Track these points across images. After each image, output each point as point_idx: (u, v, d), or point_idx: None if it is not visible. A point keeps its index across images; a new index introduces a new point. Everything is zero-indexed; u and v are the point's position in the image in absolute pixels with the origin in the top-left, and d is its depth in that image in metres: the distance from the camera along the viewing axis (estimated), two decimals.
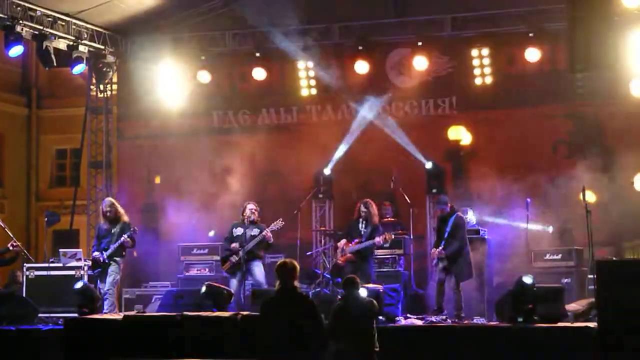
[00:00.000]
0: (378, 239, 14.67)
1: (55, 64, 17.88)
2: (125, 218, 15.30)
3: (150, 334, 12.95)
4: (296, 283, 9.44)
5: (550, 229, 16.49)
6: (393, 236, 15.35)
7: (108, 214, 15.26)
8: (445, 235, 14.17)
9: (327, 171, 18.48)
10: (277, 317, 9.26)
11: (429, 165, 17.85)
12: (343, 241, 14.96)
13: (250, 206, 15.23)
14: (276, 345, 9.17)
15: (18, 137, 24.90)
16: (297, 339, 9.15)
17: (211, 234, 18.73)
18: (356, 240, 14.78)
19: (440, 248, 14.11)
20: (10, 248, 16.32)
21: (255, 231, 15.02)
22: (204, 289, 14.22)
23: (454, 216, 14.28)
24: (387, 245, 15.36)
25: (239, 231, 15.12)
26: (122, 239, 14.94)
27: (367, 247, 14.73)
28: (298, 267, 9.52)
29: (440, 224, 14.44)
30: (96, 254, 14.98)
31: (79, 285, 14.39)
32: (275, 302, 9.46)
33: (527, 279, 12.46)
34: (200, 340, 12.69)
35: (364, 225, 14.87)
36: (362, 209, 14.91)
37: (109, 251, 14.88)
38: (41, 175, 25.18)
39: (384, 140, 18.85)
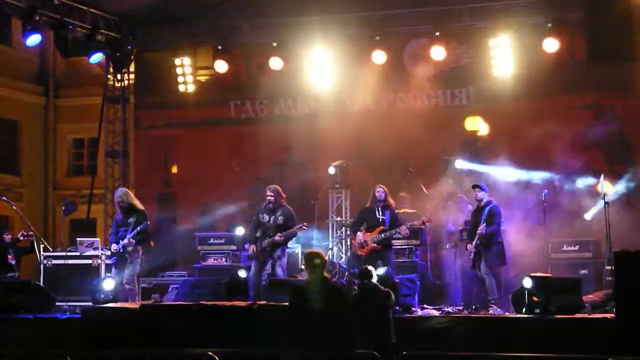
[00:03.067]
0: (404, 228, 14.61)
1: (72, 53, 17.93)
2: (140, 207, 15.28)
3: (167, 324, 12.99)
4: (325, 273, 9.44)
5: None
6: (431, 220, 15.39)
7: (121, 204, 15.27)
8: (482, 222, 14.19)
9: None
10: (307, 307, 9.26)
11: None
12: (360, 233, 14.82)
13: (267, 192, 15.06)
14: (306, 335, 9.17)
15: (35, 126, 24.96)
16: (327, 329, 9.14)
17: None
18: (380, 228, 14.66)
19: (475, 240, 14.14)
20: (21, 238, 16.44)
21: (280, 219, 14.88)
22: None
23: (490, 205, 14.31)
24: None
25: (264, 218, 15.00)
26: (134, 235, 14.90)
27: (391, 235, 14.67)
28: (327, 257, 9.53)
29: (476, 213, 14.51)
30: (114, 246, 15.01)
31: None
32: (305, 292, 9.44)
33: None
34: (216, 330, 12.71)
35: (381, 212, 14.77)
36: (380, 191, 14.82)
37: (125, 240, 14.90)
38: (58, 164, 25.24)
39: (401, 130, 18.85)
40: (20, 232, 16.57)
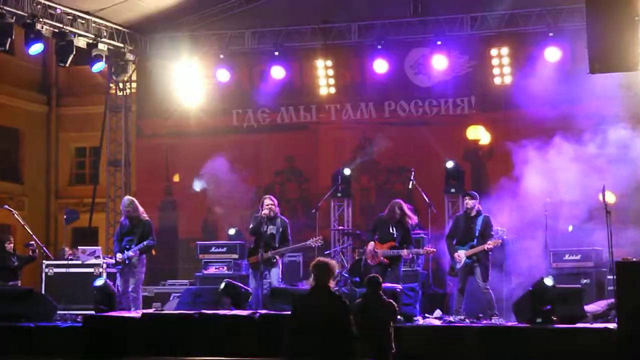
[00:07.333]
0: (406, 252, 14.57)
1: (69, 64, 17.93)
2: (146, 217, 15.29)
3: (168, 332, 12.98)
4: (331, 282, 9.41)
5: (570, 228, 16.36)
6: (434, 250, 15.34)
7: (128, 212, 15.26)
8: (476, 233, 14.15)
9: (347, 171, 18.40)
10: (310, 316, 9.23)
11: (449, 164, 17.76)
12: (372, 243, 14.67)
13: (267, 202, 14.77)
14: (308, 344, 9.15)
15: (38, 135, 25.03)
16: (329, 338, 9.12)
17: (231, 232, 18.73)
18: (390, 243, 14.60)
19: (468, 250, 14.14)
20: (31, 253, 16.47)
21: (272, 228, 14.77)
22: (222, 285, 14.22)
23: (482, 216, 14.26)
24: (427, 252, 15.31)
25: (264, 227, 14.67)
26: (141, 248, 14.91)
27: (398, 254, 14.62)
28: (333, 265, 9.49)
29: (467, 222, 14.35)
30: (119, 255, 14.98)
31: (99, 282, 14.41)
32: (309, 300, 9.42)
33: (548, 281, 12.42)
34: (218, 338, 12.70)
35: (394, 229, 14.66)
36: (397, 211, 14.69)
37: (130, 252, 14.89)
38: (60, 173, 25.30)
39: (403, 139, 18.92)
40: (29, 249, 16.57)
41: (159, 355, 12.47)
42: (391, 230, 14.57)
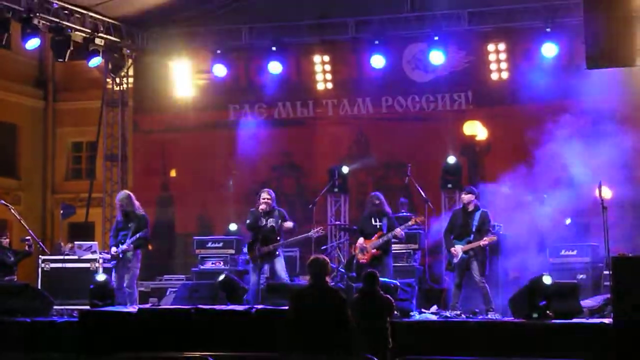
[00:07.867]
0: (399, 230, 14.61)
1: (67, 58, 17.92)
2: (141, 211, 15.27)
3: (164, 327, 12.98)
4: (327, 278, 9.44)
5: (568, 221, 16.36)
6: (423, 217, 15.44)
7: (122, 207, 15.25)
8: (473, 229, 14.18)
9: (345, 169, 18.40)
10: (308, 312, 9.24)
11: (451, 159, 17.74)
12: (361, 239, 14.82)
13: (265, 196, 14.85)
14: (305, 339, 9.15)
15: (34, 130, 24.98)
16: (327, 333, 9.13)
17: (232, 227, 18.73)
18: (376, 235, 14.67)
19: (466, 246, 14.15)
20: (27, 248, 16.44)
21: (271, 221, 14.82)
22: (221, 277, 14.23)
23: (480, 211, 14.28)
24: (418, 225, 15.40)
25: (262, 222, 14.73)
26: (134, 241, 14.91)
27: (389, 239, 14.68)
28: (329, 262, 9.53)
29: (464, 217, 14.39)
30: (113, 249, 15.00)
31: (100, 277, 14.39)
32: (306, 296, 9.43)
33: (547, 279, 12.41)
34: (214, 333, 12.70)
35: (377, 219, 14.76)
36: (376, 202, 14.82)
37: (124, 246, 14.89)
38: (57, 167, 25.26)
39: (400, 135, 18.90)
40: (25, 244, 16.53)
41: (155, 351, 12.44)
42: (374, 222, 14.71)
